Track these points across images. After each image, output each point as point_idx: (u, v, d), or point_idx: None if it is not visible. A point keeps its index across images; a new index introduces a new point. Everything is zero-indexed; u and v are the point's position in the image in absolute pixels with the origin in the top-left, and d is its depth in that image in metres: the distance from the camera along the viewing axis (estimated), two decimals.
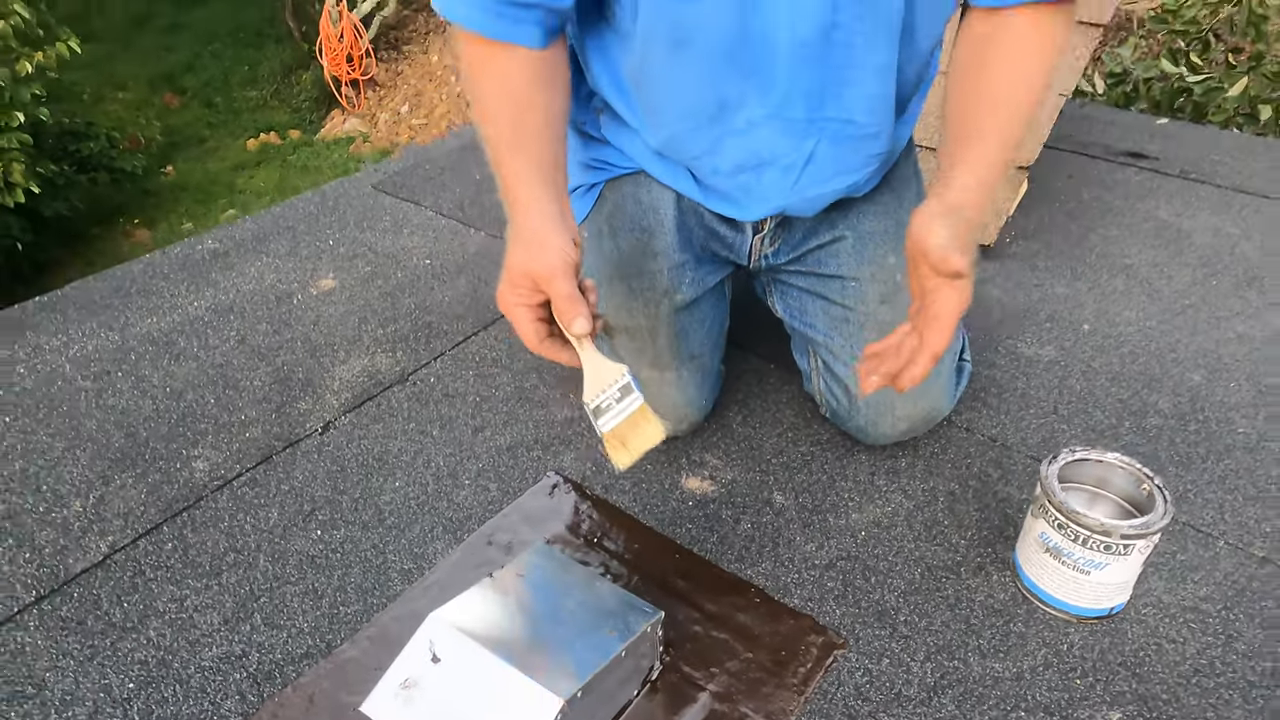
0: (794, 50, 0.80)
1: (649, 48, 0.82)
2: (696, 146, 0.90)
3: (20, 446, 1.07)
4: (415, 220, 1.55)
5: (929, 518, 0.98)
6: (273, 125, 7.85)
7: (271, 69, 8.69)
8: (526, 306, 0.75)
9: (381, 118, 7.51)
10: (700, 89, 0.84)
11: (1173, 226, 1.54)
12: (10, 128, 4.93)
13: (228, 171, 7.33)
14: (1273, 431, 1.09)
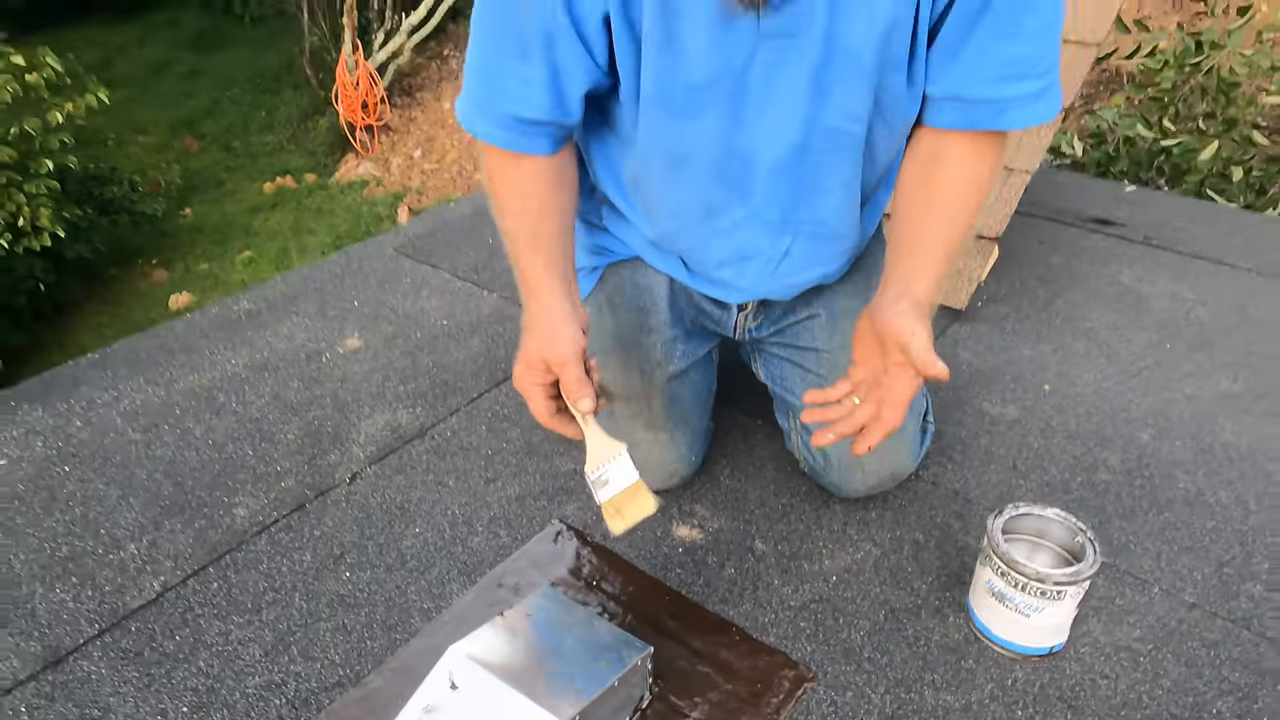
0: (771, 167, 0.93)
1: (648, 159, 0.95)
2: (687, 241, 1.03)
3: (79, 494, 1.20)
4: (433, 282, 1.68)
5: (894, 565, 1.09)
6: (289, 169, 8.07)
7: (288, 114, 8.94)
8: (540, 386, 0.87)
9: (394, 162, 7.72)
10: (691, 195, 0.97)
11: (1134, 291, 1.66)
12: (40, 174, 5.13)
13: (244, 214, 7.52)
14: (1210, 487, 1.20)
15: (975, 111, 0.88)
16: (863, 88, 0.87)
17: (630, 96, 0.90)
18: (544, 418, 0.87)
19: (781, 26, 0.83)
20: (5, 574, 1.07)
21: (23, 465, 1.24)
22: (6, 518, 1.15)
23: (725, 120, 0.89)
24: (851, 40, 0.83)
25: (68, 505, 1.18)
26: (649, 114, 0.90)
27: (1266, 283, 1.67)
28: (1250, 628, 1.00)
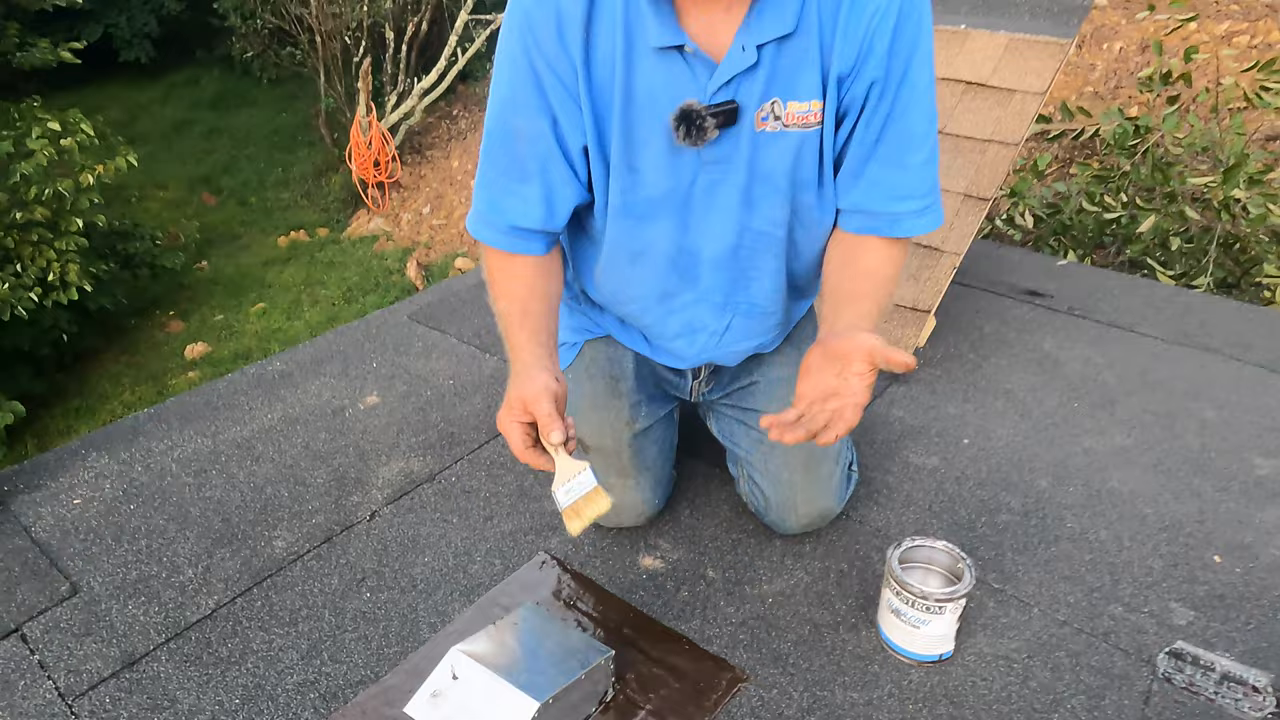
0: (713, 260, 1.18)
1: (615, 254, 1.21)
2: (647, 319, 1.28)
3: (143, 528, 1.43)
4: (442, 346, 1.93)
5: (821, 589, 1.31)
6: (302, 224, 8.40)
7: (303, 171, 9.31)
8: (518, 424, 1.06)
9: (404, 218, 8.05)
10: (650, 283, 1.22)
11: (1052, 357, 1.90)
12: (70, 232, 5.42)
13: (259, 267, 7.82)
14: (1093, 527, 1.42)
15: (876, 221, 1.14)
16: (780, 201, 1.13)
17: (602, 207, 1.16)
18: (519, 450, 1.06)
19: (716, 156, 1.09)
20: (86, 593, 1.30)
21: (95, 504, 1.48)
22: (85, 547, 1.38)
23: (676, 225, 1.15)
24: (768, 167, 1.10)
25: (134, 537, 1.41)
26: (616, 220, 1.16)
27: (1167, 349, 1.91)
28: (1108, 641, 1.22)
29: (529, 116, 1.08)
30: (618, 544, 1.39)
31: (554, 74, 1.06)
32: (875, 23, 1.02)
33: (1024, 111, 1.93)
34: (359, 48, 8.24)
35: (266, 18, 8.80)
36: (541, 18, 1.03)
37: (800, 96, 1.06)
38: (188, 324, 7.20)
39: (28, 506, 1.47)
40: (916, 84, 1.07)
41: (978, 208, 1.89)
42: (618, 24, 1.03)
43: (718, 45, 1.03)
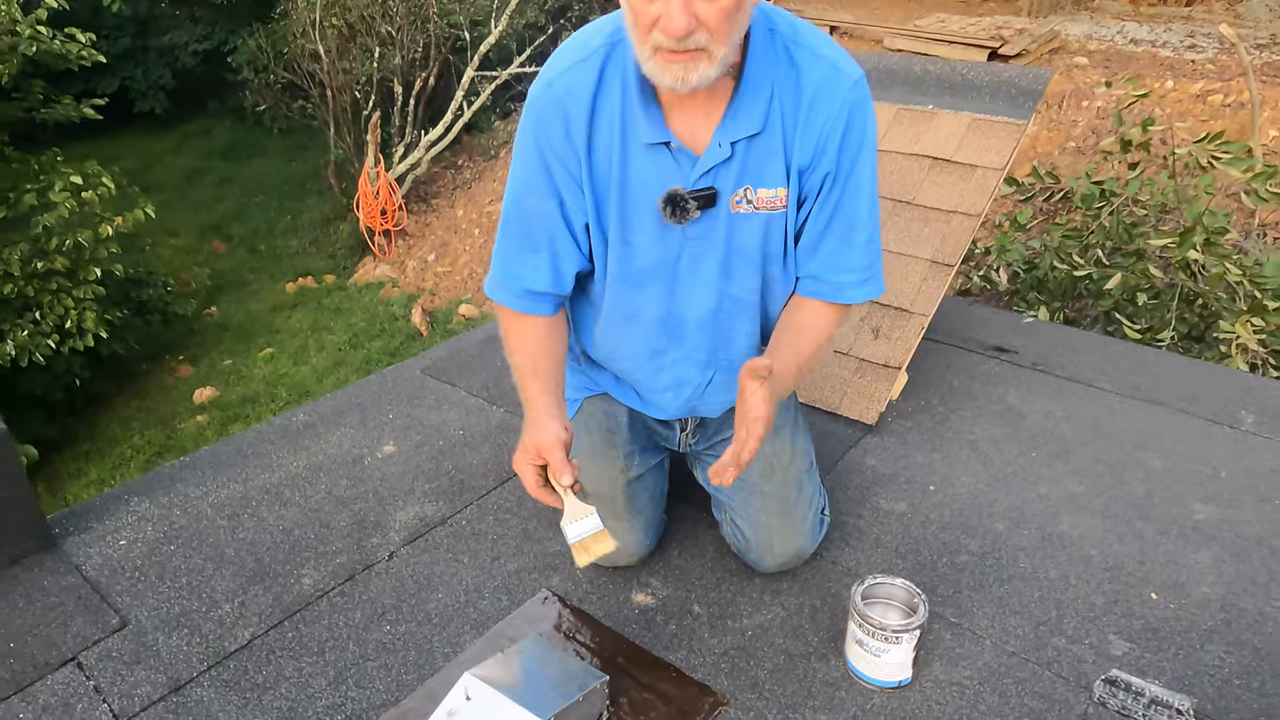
0: (697, 322, 1.37)
1: (612, 317, 1.39)
2: (639, 374, 1.45)
3: (184, 567, 1.58)
4: (452, 399, 2.09)
5: (796, 623, 1.45)
6: (310, 270, 8.60)
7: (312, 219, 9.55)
8: (531, 466, 1.24)
9: (410, 265, 8.26)
10: (642, 342, 1.40)
11: (1015, 409, 2.06)
12: (88, 281, 5.60)
13: (267, 312, 8.01)
14: (1044, 567, 1.57)
15: (823, 287, 1.34)
16: (753, 271, 1.33)
17: (601, 275, 1.35)
18: (533, 489, 1.25)
19: (698, 233, 1.29)
20: (135, 626, 1.44)
21: (139, 545, 1.63)
22: (132, 584, 1.53)
23: (665, 291, 1.35)
24: (742, 243, 1.30)
25: (175, 575, 1.55)
26: (613, 286, 1.35)
27: (1121, 402, 2.07)
28: (1050, 669, 1.36)
29: (540, 198, 1.29)
30: (613, 581, 1.53)
31: (561, 164, 1.26)
32: (828, 128, 1.23)
33: (985, 186, 2.12)
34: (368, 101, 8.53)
35: (279, 72, 9.11)
36: (552, 118, 1.24)
37: (768, 184, 1.27)
38: (197, 369, 7.36)
39: (78, 547, 1.61)
40: (861, 177, 1.28)
41: (943, 273, 2.07)
42: (615, 124, 1.23)
43: (698, 141, 1.23)
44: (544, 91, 1.24)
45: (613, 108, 1.22)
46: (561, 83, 1.23)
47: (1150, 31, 9.23)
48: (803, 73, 1.21)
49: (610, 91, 1.22)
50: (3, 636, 1.42)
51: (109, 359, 6.51)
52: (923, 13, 10.22)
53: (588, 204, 1.28)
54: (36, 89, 6.47)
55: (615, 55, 1.22)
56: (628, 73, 1.20)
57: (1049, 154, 6.75)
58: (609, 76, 1.22)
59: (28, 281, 5.39)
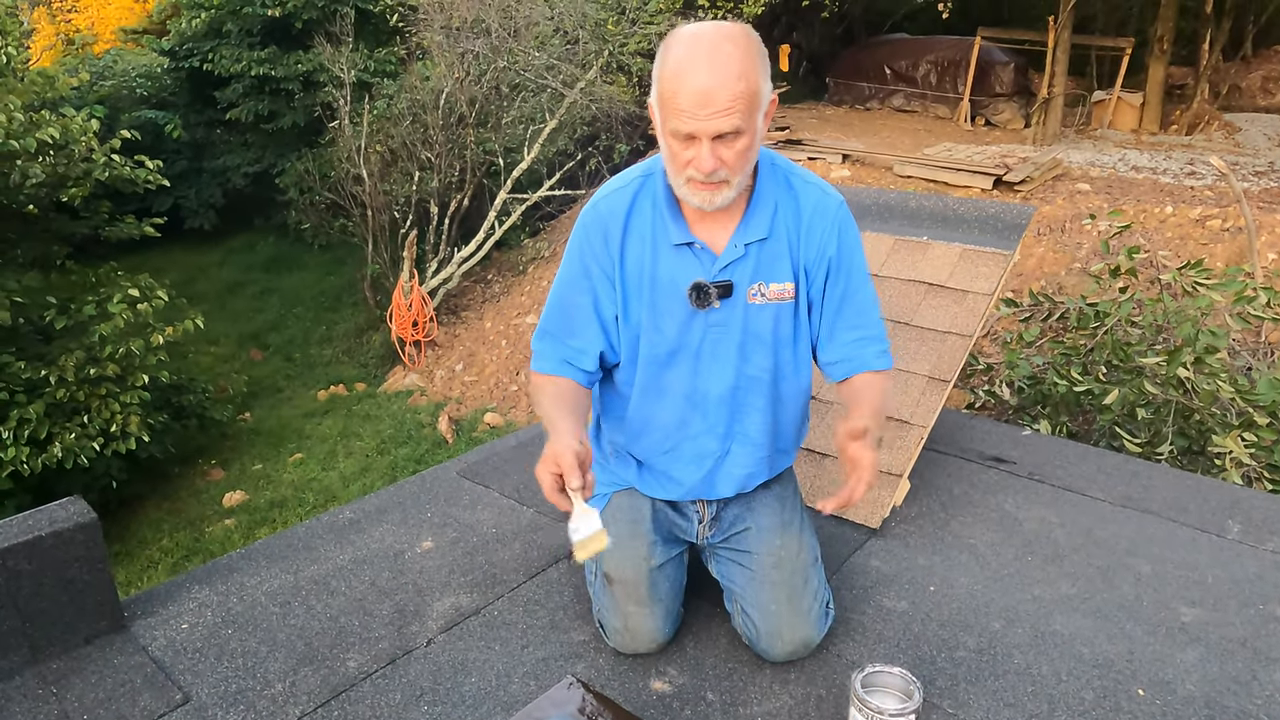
0: (718, 397, 1.62)
1: (643, 395, 1.63)
2: (666, 444, 1.66)
3: (240, 649, 1.72)
4: (486, 500, 2.26)
5: (803, 711, 1.56)
6: (342, 379, 8.90)
7: (346, 329, 9.94)
8: (549, 473, 1.41)
9: (438, 374, 8.54)
10: (669, 414, 1.64)
11: (1011, 516, 2.19)
12: (135, 387, 5.89)
13: (299, 419, 8.25)
14: (1036, 664, 1.68)
15: (853, 365, 1.62)
16: (767, 353, 1.60)
17: (630, 360, 1.62)
18: (549, 493, 1.41)
19: (718, 320, 1.56)
20: (196, 702, 1.58)
21: (199, 629, 1.78)
22: (193, 664, 1.67)
23: (689, 370, 1.60)
24: (757, 328, 1.57)
25: (233, 657, 1.70)
26: (644, 367, 1.61)
27: (1113, 510, 2.20)
28: None
29: (579, 294, 1.60)
30: (633, 669, 1.66)
31: (599, 267, 1.58)
32: (825, 235, 1.58)
33: (976, 309, 2.33)
34: (405, 220, 9.04)
35: (324, 193, 9.70)
36: (594, 230, 1.58)
37: (779, 279, 1.57)
38: (228, 472, 7.55)
39: (145, 629, 1.77)
40: (860, 272, 1.62)
41: (940, 388, 2.25)
42: (647, 234, 1.55)
43: (717, 244, 1.54)
44: (589, 210, 1.60)
45: (644, 222, 1.56)
46: (604, 204, 1.58)
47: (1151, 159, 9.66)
48: (800, 195, 1.57)
49: (642, 210, 1.56)
50: (77, 709, 1.56)
51: (145, 461, 6.72)
52: (931, 141, 10.78)
53: (618, 298, 1.58)
54: (103, 209, 6.97)
55: (647, 185, 1.57)
56: (658, 196, 1.54)
57: (1055, 274, 7.02)
58: (641, 200, 1.56)
59: (80, 387, 5.68)
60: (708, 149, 1.37)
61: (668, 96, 1.36)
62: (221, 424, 7.87)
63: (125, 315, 5.84)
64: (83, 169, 5.91)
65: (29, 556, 1.60)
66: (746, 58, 1.35)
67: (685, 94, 1.33)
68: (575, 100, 8.70)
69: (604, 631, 1.70)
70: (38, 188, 5.74)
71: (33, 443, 5.46)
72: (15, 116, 5.34)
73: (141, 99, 12.11)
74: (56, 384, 5.58)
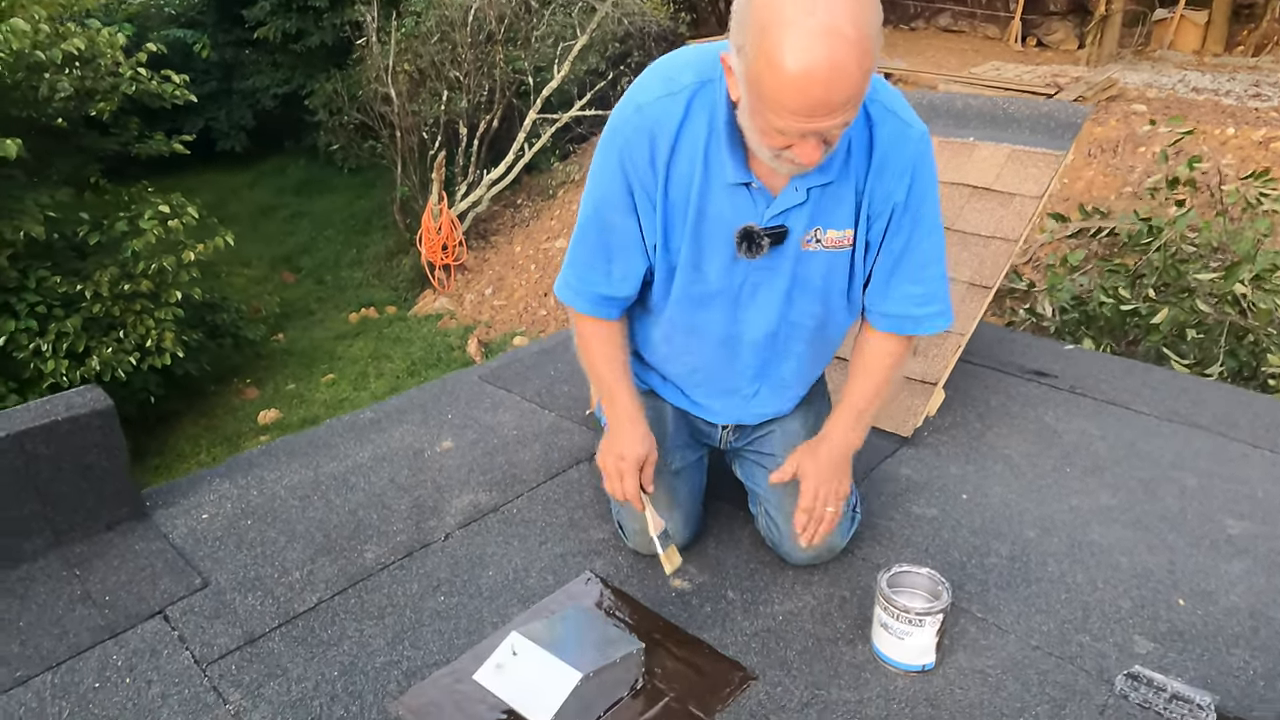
0: (754, 342, 1.49)
1: (672, 330, 1.52)
2: (692, 380, 1.59)
3: (259, 540, 1.71)
4: (507, 403, 2.22)
5: (825, 611, 1.52)
6: (373, 302, 8.93)
7: (376, 253, 9.92)
8: (630, 472, 1.42)
9: (468, 298, 8.52)
10: (700, 355, 1.54)
11: (1051, 428, 2.11)
12: (169, 303, 5.93)
13: (330, 340, 8.31)
14: (1071, 572, 1.61)
15: (901, 324, 1.45)
16: (815, 300, 1.44)
17: (663, 292, 1.47)
18: (630, 493, 1.43)
19: (766, 265, 1.39)
20: (215, 586, 1.58)
21: (219, 519, 1.77)
22: (213, 551, 1.67)
23: (727, 314, 1.46)
24: (807, 276, 1.41)
25: (252, 546, 1.69)
26: (678, 305, 1.47)
27: (1158, 424, 2.10)
28: (1073, 663, 1.41)
29: (619, 214, 1.38)
30: (652, 568, 1.62)
31: (641, 187, 1.35)
32: (897, 177, 1.34)
33: (1023, 212, 2.20)
34: (434, 141, 8.91)
35: (353, 114, 9.58)
36: (638, 141, 1.32)
37: (837, 226, 1.37)
38: (262, 391, 7.66)
39: (166, 518, 1.77)
40: (930, 220, 1.40)
41: (981, 294, 2.14)
42: (698, 159, 1.32)
43: (775, 183, 1.33)
44: (633, 115, 1.31)
45: (696, 143, 1.30)
46: (651, 110, 1.30)
47: (1213, 80, 9.15)
48: (876, 128, 1.31)
49: (695, 127, 1.29)
50: (99, 590, 1.56)
51: (181, 379, 6.82)
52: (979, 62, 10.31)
53: (657, 226, 1.38)
54: (132, 125, 6.94)
55: (702, 95, 1.28)
56: (716, 115, 1.27)
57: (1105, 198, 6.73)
58: (695, 113, 1.29)
59: (115, 302, 5.73)
60: (815, 144, 1.15)
61: (770, 92, 1.09)
62: (255, 344, 7.94)
63: (156, 231, 5.84)
64: (109, 83, 5.85)
65: (46, 441, 1.59)
66: (871, 37, 1.07)
67: (796, 98, 1.08)
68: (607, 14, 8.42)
69: (623, 533, 1.67)
70: (66, 101, 5.70)
71: (71, 356, 5.54)
72: (41, 28, 5.27)
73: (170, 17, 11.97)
74: (92, 299, 5.64)
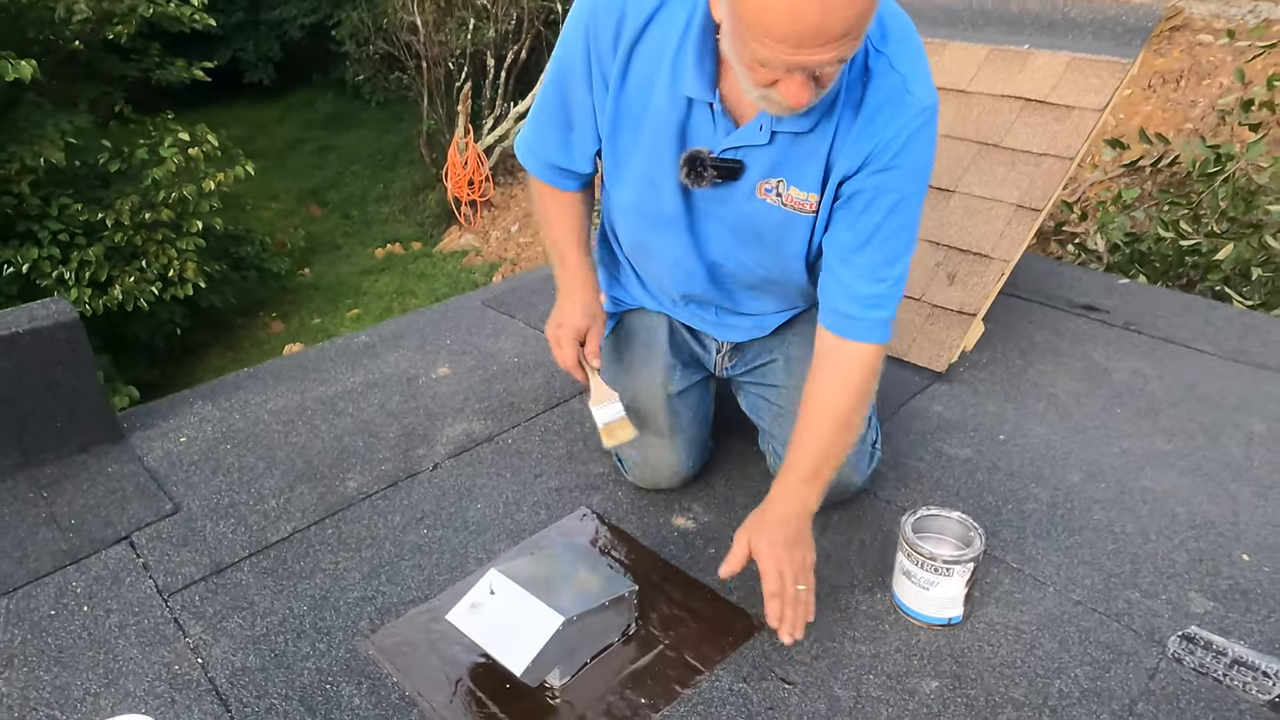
0: (704, 273, 1.34)
1: (632, 246, 1.41)
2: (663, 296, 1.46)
3: (237, 464, 1.61)
4: (510, 329, 2.08)
5: (841, 556, 1.38)
6: (398, 237, 8.83)
7: (403, 188, 9.79)
8: (572, 341, 1.30)
9: (493, 235, 8.37)
10: (662, 274, 1.40)
11: (1101, 367, 1.92)
12: (190, 233, 5.88)
13: (355, 275, 8.25)
14: (1120, 520, 1.45)
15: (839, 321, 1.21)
16: (767, 254, 1.28)
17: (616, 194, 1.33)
18: (569, 363, 1.32)
19: (717, 197, 1.23)
20: (186, 513, 1.48)
21: (198, 443, 1.67)
22: (187, 476, 1.57)
23: (677, 239, 1.30)
24: (759, 226, 1.25)
25: (228, 471, 1.59)
26: (630, 217, 1.35)
27: (1221, 364, 1.90)
28: (1120, 621, 1.25)
29: (577, 85, 1.23)
30: (654, 504, 1.49)
31: (599, 63, 1.19)
32: (880, 146, 1.11)
33: (1081, 127, 1.98)
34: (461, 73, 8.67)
35: (379, 44, 9.36)
36: (606, 15, 1.15)
37: (802, 186, 1.18)
38: (288, 325, 7.64)
39: (142, 440, 1.67)
40: (908, 203, 1.16)
41: (1029, 218, 1.94)
42: (664, 62, 1.13)
43: (743, 111, 1.14)
44: None
45: (666, 40, 1.12)
46: None
47: None
48: (872, 81, 1.09)
49: (668, 22, 1.12)
50: (66, 513, 1.47)
51: (207, 311, 6.82)
52: None
53: (607, 113, 1.21)
54: (153, 51, 6.81)
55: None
56: (694, 18, 1.10)
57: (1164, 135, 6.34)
58: (673, 6, 1.11)
59: (136, 231, 5.69)
60: (803, 81, 0.96)
61: (753, 13, 0.90)
62: (280, 278, 7.90)
63: (176, 160, 5.76)
64: (126, 4, 5.71)
65: (6, 353, 1.48)
66: None
67: (783, 21, 0.88)
68: None
69: (622, 465, 1.53)
70: (83, 24, 5.57)
71: (94, 284, 5.53)
72: None
73: None
74: (113, 227, 5.60)
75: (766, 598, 1.15)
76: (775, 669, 1.18)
